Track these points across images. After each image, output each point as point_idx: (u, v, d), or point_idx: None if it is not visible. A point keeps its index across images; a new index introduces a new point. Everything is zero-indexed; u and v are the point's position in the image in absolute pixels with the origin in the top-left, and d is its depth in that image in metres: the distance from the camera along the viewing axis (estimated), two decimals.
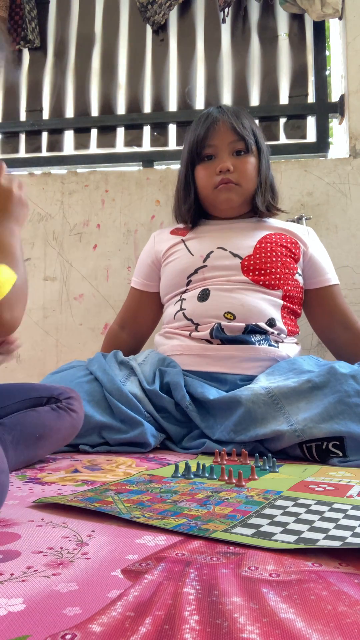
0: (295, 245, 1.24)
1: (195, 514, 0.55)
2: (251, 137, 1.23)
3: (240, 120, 1.23)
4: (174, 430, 1.05)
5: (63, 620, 0.32)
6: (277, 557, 0.44)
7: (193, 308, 1.17)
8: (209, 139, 1.22)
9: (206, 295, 1.16)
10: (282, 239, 1.22)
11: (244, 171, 1.22)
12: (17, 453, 0.79)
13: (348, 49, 1.74)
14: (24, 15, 1.94)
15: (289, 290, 1.19)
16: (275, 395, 0.95)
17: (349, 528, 0.50)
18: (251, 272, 1.17)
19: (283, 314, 1.17)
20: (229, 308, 1.13)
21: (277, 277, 1.17)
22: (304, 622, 0.32)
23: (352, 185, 1.67)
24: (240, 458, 0.88)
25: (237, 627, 0.32)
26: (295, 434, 0.90)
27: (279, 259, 1.19)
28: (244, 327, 1.11)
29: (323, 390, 0.93)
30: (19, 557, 0.43)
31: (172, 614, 0.33)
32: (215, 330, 1.12)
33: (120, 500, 0.60)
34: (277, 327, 1.14)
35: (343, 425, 0.88)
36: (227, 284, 1.16)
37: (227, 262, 1.19)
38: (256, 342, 1.11)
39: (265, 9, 1.88)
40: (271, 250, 1.19)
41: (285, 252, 1.21)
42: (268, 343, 1.12)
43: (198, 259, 1.21)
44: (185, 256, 1.23)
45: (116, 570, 0.40)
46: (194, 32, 1.93)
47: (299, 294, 1.23)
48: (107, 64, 1.99)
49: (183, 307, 1.19)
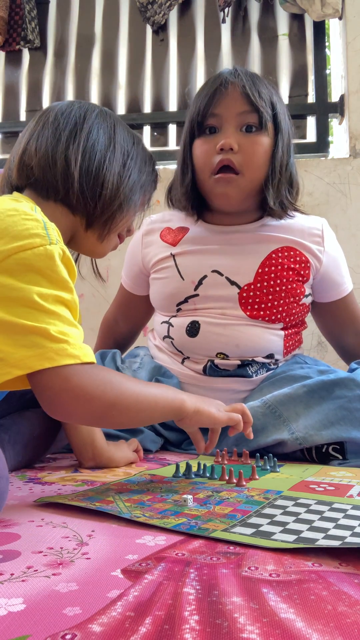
0: (305, 264, 1.05)
1: (195, 514, 0.55)
2: (268, 109, 0.98)
3: (257, 87, 0.98)
4: (174, 436, 1.03)
5: (63, 620, 0.32)
6: (277, 557, 0.44)
7: (181, 342, 1.05)
8: (214, 106, 0.98)
9: (196, 329, 1.03)
10: (289, 259, 1.04)
11: (251, 154, 0.97)
12: (15, 452, 0.79)
13: (348, 49, 1.74)
14: (24, 15, 1.94)
15: (292, 320, 1.06)
16: (272, 404, 0.93)
17: (348, 528, 0.50)
18: (249, 305, 1.02)
19: (286, 343, 1.07)
20: (222, 349, 1.01)
21: (278, 310, 1.03)
22: (304, 622, 0.32)
23: (352, 185, 1.67)
24: (241, 458, 0.88)
25: (237, 627, 0.32)
26: (297, 442, 0.90)
27: (283, 288, 1.02)
28: (240, 362, 1.03)
29: (320, 394, 0.92)
30: (19, 557, 0.43)
31: (172, 614, 0.33)
32: (209, 369, 1.03)
33: (121, 500, 0.60)
34: (275, 358, 1.06)
35: (344, 430, 0.88)
36: (220, 317, 1.02)
37: (222, 292, 1.03)
38: (253, 374, 1.04)
39: (265, 9, 1.88)
40: (275, 278, 1.02)
41: (292, 275, 1.03)
42: (266, 369, 1.06)
43: (189, 285, 1.05)
44: (174, 279, 1.06)
45: (116, 570, 0.40)
46: (194, 32, 1.93)
47: (304, 314, 1.10)
48: (107, 64, 1.99)
49: (171, 336, 1.07)
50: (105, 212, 0.73)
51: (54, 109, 0.74)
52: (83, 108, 0.74)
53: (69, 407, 0.58)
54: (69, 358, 0.56)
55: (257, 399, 0.97)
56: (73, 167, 0.70)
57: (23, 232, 0.59)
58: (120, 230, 0.79)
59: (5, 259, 0.57)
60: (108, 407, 0.60)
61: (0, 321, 0.55)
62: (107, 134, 0.74)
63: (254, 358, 1.04)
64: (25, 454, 0.82)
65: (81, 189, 0.70)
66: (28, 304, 0.56)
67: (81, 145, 0.71)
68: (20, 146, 0.74)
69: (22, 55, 2.06)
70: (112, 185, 0.72)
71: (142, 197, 0.79)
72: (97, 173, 0.71)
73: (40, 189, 0.71)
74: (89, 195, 0.71)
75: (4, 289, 0.56)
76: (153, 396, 0.66)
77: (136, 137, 0.80)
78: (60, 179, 0.70)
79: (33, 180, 0.71)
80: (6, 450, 0.76)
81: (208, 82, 1.03)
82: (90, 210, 0.72)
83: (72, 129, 0.72)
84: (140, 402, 0.64)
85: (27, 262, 0.57)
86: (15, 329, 0.55)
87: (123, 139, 0.76)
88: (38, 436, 0.85)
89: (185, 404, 0.69)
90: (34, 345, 0.55)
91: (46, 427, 0.87)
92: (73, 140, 0.71)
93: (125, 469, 0.84)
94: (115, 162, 0.73)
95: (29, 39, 1.96)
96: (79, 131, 0.72)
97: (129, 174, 0.75)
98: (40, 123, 0.73)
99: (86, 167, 0.71)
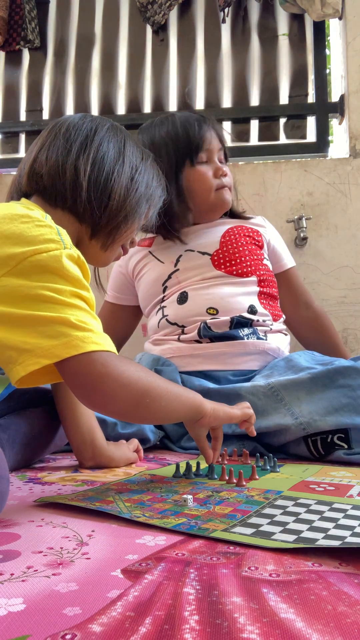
0: (257, 233, 1.28)
1: (195, 514, 0.55)
2: None
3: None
4: (172, 428, 1.06)
5: (63, 620, 0.32)
6: (277, 557, 0.44)
7: (175, 312, 1.18)
8: (207, 143, 1.22)
9: (185, 297, 1.18)
10: (243, 230, 1.26)
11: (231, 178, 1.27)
12: (14, 452, 0.79)
13: (348, 49, 1.74)
14: (24, 15, 1.94)
15: (262, 275, 1.21)
16: (275, 387, 0.96)
17: (348, 528, 0.50)
18: (222, 264, 1.19)
19: (261, 300, 1.19)
20: (210, 304, 1.15)
21: (247, 264, 1.20)
22: (304, 622, 0.32)
23: (352, 185, 1.67)
24: (241, 458, 0.88)
25: (237, 627, 0.32)
26: (301, 427, 0.91)
27: (245, 248, 1.22)
28: (230, 320, 1.12)
29: (324, 381, 0.94)
30: (19, 557, 0.43)
31: (172, 614, 0.33)
32: (202, 329, 1.12)
33: (121, 500, 0.60)
34: (260, 313, 1.16)
35: (348, 417, 0.89)
36: (202, 282, 1.18)
37: (197, 261, 1.21)
38: (245, 337, 1.12)
39: (265, 9, 1.88)
40: (236, 241, 1.22)
41: (250, 240, 1.25)
42: (257, 336, 1.13)
43: (169, 265, 1.23)
44: (156, 266, 1.25)
45: (116, 570, 0.40)
46: (194, 32, 1.93)
47: (272, 277, 1.26)
48: (107, 64, 1.99)
49: (165, 314, 1.20)
50: (110, 223, 0.75)
51: (66, 121, 0.77)
52: (95, 122, 0.77)
53: (109, 393, 0.59)
54: (95, 345, 0.57)
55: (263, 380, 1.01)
56: (82, 176, 0.72)
57: (38, 238, 0.60)
58: (124, 242, 0.81)
59: (21, 262, 0.58)
60: (143, 394, 0.61)
61: (22, 316, 0.56)
62: (116, 148, 0.76)
63: (241, 314, 1.13)
64: (25, 453, 0.82)
65: (89, 198, 0.72)
66: (47, 300, 0.57)
67: (91, 157, 0.73)
68: (31, 155, 0.76)
69: (22, 55, 2.06)
70: (119, 197, 0.75)
71: (147, 211, 0.81)
72: (105, 184, 0.73)
73: (48, 196, 0.73)
74: (96, 205, 0.73)
75: (22, 288, 0.57)
76: (176, 389, 0.68)
77: (145, 152, 0.83)
78: (69, 188, 0.72)
79: (42, 187, 0.73)
80: (5, 450, 0.76)
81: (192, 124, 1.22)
82: (97, 220, 0.74)
83: (83, 140, 0.74)
84: (170, 392, 0.66)
85: (43, 263, 0.59)
86: (38, 321, 0.56)
87: (132, 154, 0.78)
88: (37, 436, 0.85)
89: (204, 403, 0.72)
90: (60, 334, 0.56)
91: (45, 426, 0.87)
92: (83, 152, 0.73)
93: (125, 469, 0.84)
94: (123, 175, 0.75)
95: (29, 39, 1.96)
96: (90, 143, 0.74)
97: (136, 187, 0.77)
98: (52, 134, 0.76)
99: (95, 178, 0.73)
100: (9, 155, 2.03)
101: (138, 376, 0.61)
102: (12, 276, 0.58)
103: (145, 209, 0.80)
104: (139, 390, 0.61)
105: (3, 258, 0.58)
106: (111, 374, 0.58)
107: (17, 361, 0.55)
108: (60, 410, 0.84)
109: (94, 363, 0.57)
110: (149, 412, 0.65)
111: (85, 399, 0.61)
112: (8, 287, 0.57)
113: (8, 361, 0.56)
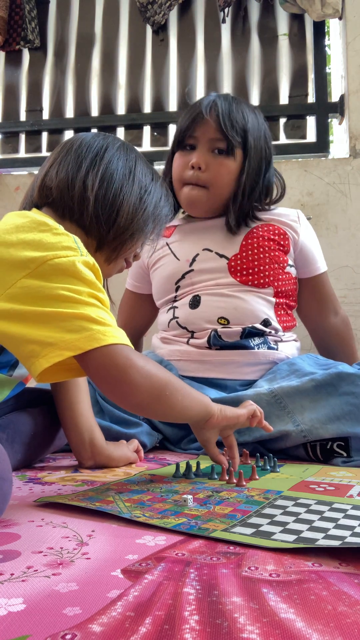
0: (284, 236, 1.17)
1: (195, 514, 0.55)
2: (238, 138, 1.11)
3: (231, 116, 1.11)
4: (171, 431, 1.04)
5: (63, 620, 0.32)
6: (277, 557, 0.44)
7: (185, 316, 1.14)
8: (192, 129, 1.13)
9: (197, 301, 1.13)
10: (269, 232, 1.16)
11: (216, 172, 1.12)
12: (14, 451, 0.79)
13: (348, 49, 1.74)
14: (24, 15, 1.94)
15: (280, 286, 1.15)
16: (278, 395, 0.95)
17: (348, 528, 0.50)
18: (239, 272, 1.13)
19: (277, 312, 1.15)
20: (222, 313, 1.10)
21: (265, 274, 1.13)
22: (304, 622, 0.32)
23: (352, 185, 1.67)
24: (242, 458, 0.88)
25: (237, 627, 0.32)
26: (302, 434, 0.90)
27: (266, 255, 1.14)
28: (241, 331, 1.09)
29: (327, 389, 0.93)
30: (19, 557, 0.43)
31: (172, 614, 0.33)
32: (212, 338, 1.09)
33: (121, 500, 0.60)
34: (272, 327, 1.12)
35: (349, 426, 0.89)
36: (216, 287, 1.13)
37: (213, 264, 1.14)
38: (255, 347, 1.09)
39: (265, 9, 1.88)
40: (258, 247, 1.14)
41: (274, 245, 1.15)
42: (267, 346, 1.11)
43: (184, 263, 1.17)
44: (171, 262, 1.20)
45: (116, 570, 0.40)
46: (194, 32, 1.93)
47: (292, 285, 1.19)
48: (107, 64, 1.99)
49: (176, 315, 1.16)
50: (117, 239, 0.77)
51: (79, 139, 0.79)
52: (107, 140, 0.79)
53: (134, 383, 0.62)
54: (115, 338, 0.60)
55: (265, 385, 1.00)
56: (90, 191, 0.74)
57: (56, 245, 0.63)
58: (127, 256, 0.83)
59: (41, 265, 0.61)
60: (164, 386, 0.64)
61: (44, 313, 0.59)
62: (127, 167, 0.78)
63: (253, 325, 1.09)
64: (24, 453, 0.82)
65: (96, 213, 0.74)
66: (66, 299, 0.60)
67: (100, 173, 0.75)
68: (43, 170, 0.78)
69: (22, 55, 2.06)
70: (128, 214, 0.76)
71: (153, 230, 0.83)
72: (114, 200, 0.75)
73: (57, 208, 0.75)
74: (103, 220, 0.75)
75: (42, 289, 0.60)
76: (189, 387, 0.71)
77: (156, 174, 0.84)
78: (77, 201, 0.74)
79: (51, 200, 0.75)
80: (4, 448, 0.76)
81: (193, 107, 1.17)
82: (103, 235, 0.76)
83: (94, 157, 0.76)
84: (185, 387, 0.69)
85: (62, 267, 0.62)
86: (60, 317, 0.59)
87: (142, 174, 0.80)
88: (37, 435, 0.85)
89: (211, 404, 0.74)
90: (81, 328, 0.59)
91: (45, 426, 0.87)
92: (92, 168, 0.75)
93: (125, 469, 0.84)
94: (132, 194, 0.77)
95: (29, 39, 1.96)
96: (100, 160, 0.76)
97: (145, 207, 0.78)
98: (65, 150, 0.78)
99: (103, 194, 0.75)
100: (9, 155, 2.03)
101: (157, 369, 0.65)
102: (33, 278, 0.60)
103: (151, 228, 0.82)
104: (160, 383, 0.64)
105: (24, 261, 0.61)
106: (134, 365, 0.61)
107: (39, 354, 0.57)
108: (59, 410, 0.84)
109: (117, 355, 0.60)
110: (168, 406, 0.67)
111: (110, 391, 0.63)
112: (29, 287, 0.60)
113: (30, 355, 0.58)
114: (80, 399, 0.84)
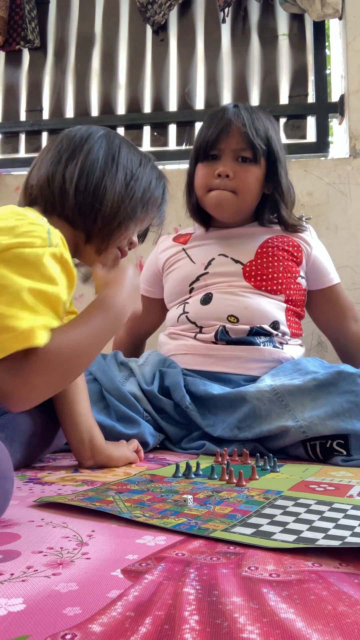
0: (297, 248, 1.22)
1: (195, 514, 0.55)
2: (262, 145, 1.16)
3: (255, 125, 1.16)
4: (173, 430, 1.05)
5: (63, 620, 0.32)
6: (277, 557, 0.44)
7: (196, 311, 1.17)
8: (218, 141, 1.16)
9: (209, 298, 1.16)
10: (284, 242, 1.21)
11: (243, 180, 1.16)
12: (13, 450, 0.79)
13: (348, 49, 1.74)
14: (24, 15, 1.94)
15: (291, 295, 1.19)
16: (280, 393, 0.96)
17: (348, 528, 0.50)
18: (253, 277, 1.17)
19: (287, 316, 1.17)
20: (232, 311, 1.13)
21: (278, 282, 1.17)
22: (304, 622, 0.32)
23: (352, 185, 1.67)
24: (242, 458, 0.88)
25: (237, 627, 0.32)
26: (301, 430, 0.91)
27: (280, 264, 1.18)
28: (249, 329, 1.11)
29: (329, 389, 0.93)
30: (19, 557, 0.43)
31: (172, 614, 0.33)
32: (220, 333, 1.12)
33: (121, 500, 0.60)
34: (281, 330, 1.15)
35: (349, 423, 0.89)
36: (230, 288, 1.16)
37: (228, 268, 1.18)
38: (261, 344, 1.11)
39: (265, 9, 1.88)
40: (273, 255, 1.18)
41: (287, 256, 1.20)
42: (273, 345, 1.13)
43: (199, 266, 1.21)
44: (187, 265, 1.23)
45: (116, 570, 0.40)
46: (194, 32, 1.93)
47: (302, 296, 1.23)
48: (107, 64, 1.99)
49: (186, 310, 1.19)
50: (104, 228, 0.77)
51: (62, 134, 0.80)
52: (88, 131, 0.79)
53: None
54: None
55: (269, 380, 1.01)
56: (69, 184, 0.74)
57: (27, 233, 0.63)
58: (120, 245, 0.82)
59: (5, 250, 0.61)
60: None
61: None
62: (109, 155, 0.77)
63: (261, 325, 1.11)
64: (23, 452, 0.82)
65: (77, 205, 0.74)
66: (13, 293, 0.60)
67: (78, 165, 0.75)
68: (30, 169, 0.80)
69: (22, 55, 2.06)
70: (113, 203, 0.76)
71: (145, 216, 0.82)
72: (95, 190, 0.75)
73: (40, 205, 0.76)
74: (86, 212, 0.75)
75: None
76: None
77: (145, 158, 0.83)
78: (57, 195, 0.74)
79: (34, 198, 0.76)
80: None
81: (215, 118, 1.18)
82: (89, 226, 0.76)
83: (74, 149, 0.76)
84: None
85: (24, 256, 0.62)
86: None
87: (127, 160, 0.79)
88: (36, 434, 0.84)
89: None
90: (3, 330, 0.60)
91: (44, 426, 0.87)
92: (72, 160, 0.75)
93: (125, 469, 0.84)
94: (117, 181, 0.76)
95: (29, 39, 1.96)
96: (79, 152, 0.76)
97: (132, 193, 0.78)
98: (47, 148, 0.79)
99: (83, 185, 0.74)
100: (9, 155, 2.03)
101: None
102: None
103: (142, 215, 0.81)
104: None
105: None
106: None
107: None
108: (58, 410, 0.84)
109: None
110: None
111: None
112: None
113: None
114: (79, 399, 0.84)
